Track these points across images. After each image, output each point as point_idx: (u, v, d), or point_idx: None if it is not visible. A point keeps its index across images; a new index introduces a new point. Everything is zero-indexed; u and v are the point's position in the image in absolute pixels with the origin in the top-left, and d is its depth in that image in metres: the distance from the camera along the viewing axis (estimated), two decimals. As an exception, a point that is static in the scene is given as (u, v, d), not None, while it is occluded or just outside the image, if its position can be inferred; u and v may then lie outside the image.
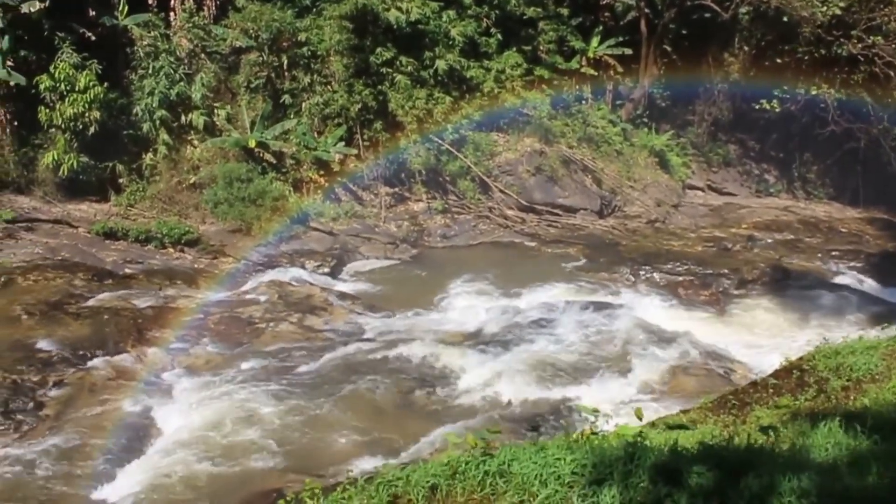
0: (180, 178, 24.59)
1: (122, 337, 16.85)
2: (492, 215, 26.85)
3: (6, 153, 23.48)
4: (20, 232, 21.63)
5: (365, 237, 24.58)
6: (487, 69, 28.04)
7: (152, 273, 20.72)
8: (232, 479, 12.40)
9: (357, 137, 26.19)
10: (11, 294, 18.55)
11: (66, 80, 22.61)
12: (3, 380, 14.82)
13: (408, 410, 14.84)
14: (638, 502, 4.49)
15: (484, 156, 27.42)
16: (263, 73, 26.41)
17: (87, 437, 13.41)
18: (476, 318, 19.31)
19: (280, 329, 17.89)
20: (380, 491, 4.69)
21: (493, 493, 4.67)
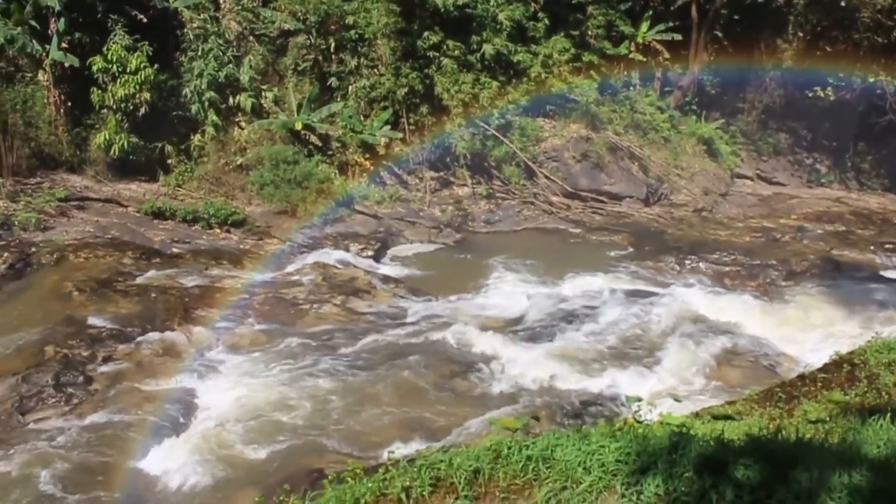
0: (227, 159, 24.88)
1: (168, 315, 17.12)
2: (536, 201, 26.72)
3: (60, 133, 23.97)
4: (72, 210, 22.07)
5: (409, 221, 24.64)
6: (535, 54, 27.82)
7: (199, 253, 21.00)
8: (274, 458, 12.54)
9: (403, 121, 26.23)
10: (63, 271, 18.94)
11: (118, 61, 23.00)
12: (54, 354, 15.18)
13: (448, 395, 14.83)
14: (682, 492, 4.43)
15: (530, 141, 27.27)
16: (311, 55, 26.54)
17: (134, 411, 13.65)
18: (519, 304, 19.21)
19: (323, 311, 18.02)
20: (422, 473, 4.69)
21: (535, 478, 4.65)
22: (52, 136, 23.91)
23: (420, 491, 4.62)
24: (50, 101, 23.99)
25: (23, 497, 11.39)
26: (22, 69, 24.60)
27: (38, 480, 11.73)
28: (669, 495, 4.41)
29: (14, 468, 12.04)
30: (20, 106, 23.60)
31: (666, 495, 4.41)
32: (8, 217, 20.50)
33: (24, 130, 23.38)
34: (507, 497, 4.63)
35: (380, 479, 4.78)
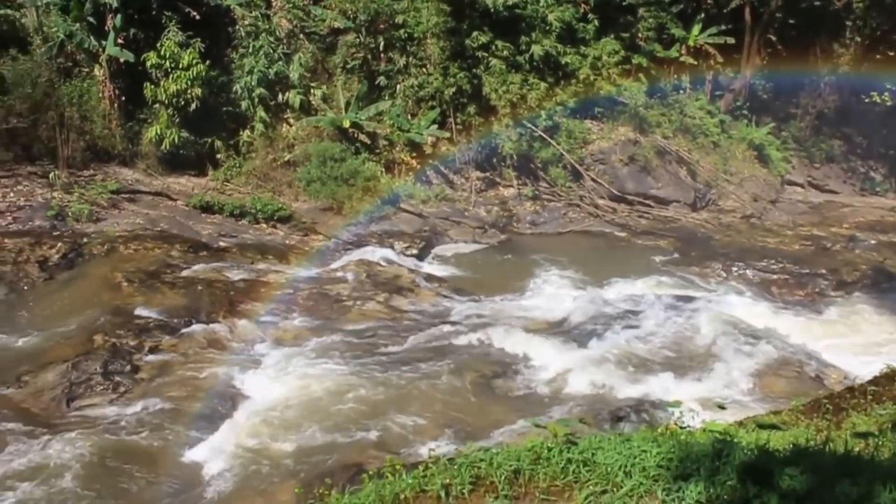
0: (275, 155, 25.14)
1: (214, 307, 17.37)
2: (582, 204, 26.57)
3: (113, 127, 24.44)
4: (123, 202, 22.49)
5: (454, 221, 24.66)
6: (584, 56, 27.67)
7: (245, 247, 21.27)
8: (314, 451, 12.63)
9: (450, 121, 26.27)
10: (113, 261, 19.32)
11: (171, 57, 23.39)
12: (103, 342, 15.50)
13: (489, 395, 14.81)
14: (725, 500, 4.37)
15: (577, 143, 27.13)
16: (360, 54, 26.71)
17: (179, 401, 13.89)
18: (562, 306, 19.13)
19: (367, 308, 18.12)
20: (462, 471, 4.70)
21: (575, 481, 4.63)
22: (106, 129, 24.39)
23: (460, 489, 4.62)
24: (105, 96, 24.46)
25: (68, 480, 11.64)
26: (79, 64, 25.14)
27: (84, 465, 11.98)
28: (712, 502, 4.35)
29: (61, 452, 12.30)
30: (76, 100, 24.12)
31: (708, 502, 4.36)
32: (62, 208, 20.97)
33: (80, 124, 23.88)
34: (546, 498, 4.61)
35: (419, 476, 4.79)
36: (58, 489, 11.53)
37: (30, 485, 11.61)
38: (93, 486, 11.61)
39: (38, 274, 18.52)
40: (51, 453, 12.25)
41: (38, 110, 23.21)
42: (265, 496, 11.53)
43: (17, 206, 20.90)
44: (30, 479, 11.71)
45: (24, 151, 23.10)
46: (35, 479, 11.70)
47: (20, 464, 11.98)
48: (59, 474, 11.79)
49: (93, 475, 11.80)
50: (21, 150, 23.06)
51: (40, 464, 12.00)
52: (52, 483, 11.60)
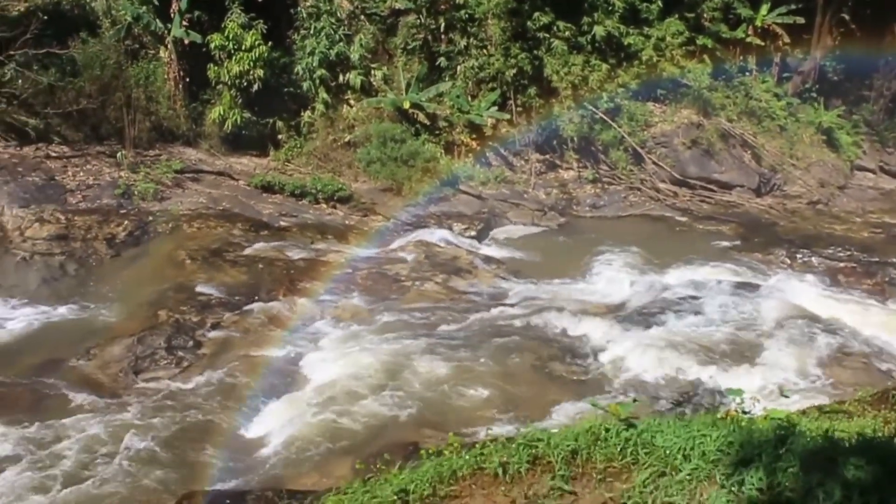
0: (336, 136, 25.33)
1: (274, 286, 17.64)
2: (643, 187, 26.21)
3: (178, 108, 24.89)
4: (187, 182, 22.91)
5: (513, 203, 24.56)
6: (647, 36, 27.18)
7: (305, 227, 21.51)
8: (370, 429, 12.77)
9: (510, 102, 26.13)
10: (177, 239, 19.75)
11: (234, 39, 23.69)
12: (167, 318, 15.89)
13: (546, 377, 14.78)
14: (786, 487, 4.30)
15: (638, 126, 26.72)
16: (420, 35, 26.70)
17: (239, 376, 14.18)
18: (621, 290, 18.94)
19: (425, 288, 18.20)
20: (520, 450, 4.71)
21: (633, 462, 4.60)
22: (171, 110, 24.85)
23: (517, 467, 4.63)
24: (170, 77, 24.90)
25: (132, 450, 11.99)
26: (146, 46, 25.63)
27: (148, 435, 12.32)
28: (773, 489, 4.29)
29: (126, 423, 12.68)
30: (143, 81, 24.62)
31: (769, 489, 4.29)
32: (129, 187, 21.46)
33: (146, 105, 24.39)
34: (603, 479, 4.59)
35: (477, 454, 4.81)
36: (123, 457, 11.87)
37: (97, 453, 11.99)
38: (156, 455, 11.94)
39: (105, 251, 19.03)
40: (117, 423, 12.63)
41: (107, 92, 23.76)
42: (322, 471, 11.70)
43: (87, 185, 21.46)
44: (97, 448, 12.09)
45: (93, 132, 23.71)
46: (102, 448, 12.08)
47: (89, 433, 12.37)
48: (125, 444, 12.14)
49: (156, 445, 12.12)
50: (90, 130, 23.67)
51: (107, 433, 12.37)
52: (117, 451, 11.95)
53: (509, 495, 4.59)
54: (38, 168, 21.45)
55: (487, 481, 4.66)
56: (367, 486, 4.87)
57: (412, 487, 4.66)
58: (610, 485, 4.57)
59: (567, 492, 4.55)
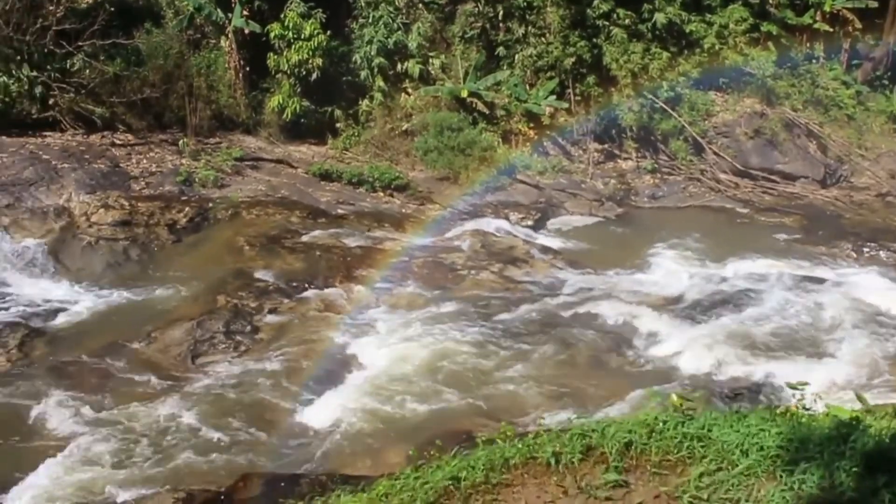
0: (393, 124, 25.39)
1: (331, 273, 17.81)
2: (703, 178, 25.72)
3: (238, 96, 25.23)
4: (246, 170, 23.22)
5: (570, 193, 24.35)
6: (709, 24, 26.59)
7: (362, 215, 21.64)
8: (424, 416, 12.86)
9: (569, 91, 25.86)
10: (236, 226, 20.05)
11: (294, 28, 23.88)
12: (226, 303, 16.17)
13: (601, 369, 14.69)
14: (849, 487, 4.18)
15: (699, 115, 26.21)
16: (478, 23, 26.58)
17: (295, 362, 14.39)
18: (679, 282, 18.64)
19: (481, 277, 18.18)
20: (573, 441, 4.67)
21: (689, 456, 4.53)
22: (231, 98, 25.19)
23: (570, 457, 4.60)
24: (230, 66, 25.22)
25: (190, 431, 12.30)
26: (207, 36, 26.01)
27: (206, 417, 12.61)
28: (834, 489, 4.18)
29: (185, 404, 13.00)
30: (204, 70, 24.98)
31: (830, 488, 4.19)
32: (190, 174, 21.84)
33: (207, 94, 24.74)
34: (658, 472, 4.53)
35: (530, 443, 4.79)
36: (181, 438, 12.19)
37: (157, 432, 12.31)
38: (214, 436, 12.23)
39: (167, 236, 19.43)
40: (176, 405, 12.95)
41: (170, 81, 24.18)
42: (375, 457, 11.82)
43: (150, 172, 21.90)
44: (157, 427, 12.42)
45: (156, 120, 24.15)
46: (162, 428, 12.41)
47: (150, 413, 12.72)
48: (183, 424, 12.47)
49: (214, 427, 12.41)
50: (153, 118, 24.12)
51: (167, 414, 12.70)
52: (176, 432, 12.26)
53: (562, 485, 4.56)
54: (104, 155, 21.96)
55: (540, 470, 4.63)
56: (419, 473, 4.89)
57: (464, 475, 4.65)
58: (664, 478, 4.51)
59: (620, 483, 4.50)
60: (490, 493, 4.58)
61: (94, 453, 11.81)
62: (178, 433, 12.32)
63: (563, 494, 4.51)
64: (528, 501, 4.47)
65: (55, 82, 22.50)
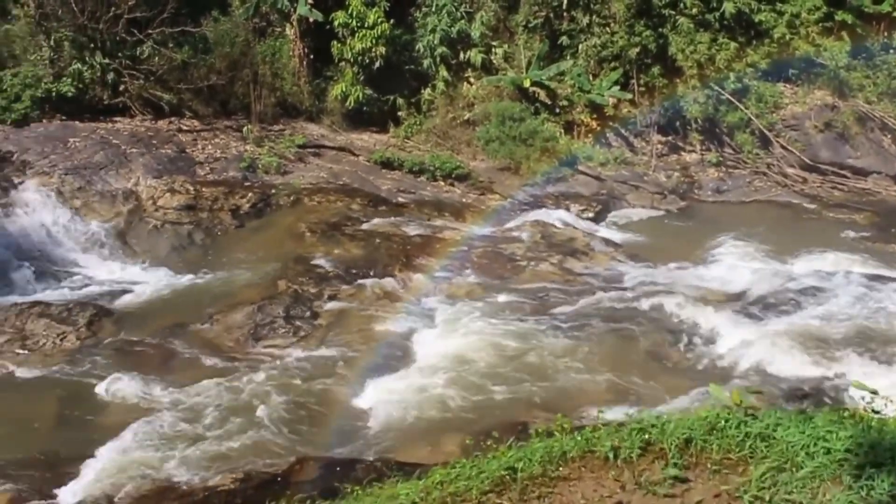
0: (455, 114, 25.36)
1: (391, 261, 17.89)
2: (770, 172, 25.13)
3: (302, 84, 25.47)
4: (309, 157, 23.46)
5: (632, 185, 24.04)
6: (780, 13, 25.89)
7: (423, 203, 21.69)
8: (479, 406, 12.85)
9: (633, 82, 25.50)
10: (298, 212, 20.29)
11: (358, 16, 23.98)
12: (286, 288, 16.38)
13: (660, 364, 14.49)
14: (924, 496, 4.03)
15: (767, 108, 25.56)
16: (542, 12, 26.36)
17: (353, 348, 14.53)
18: (742, 278, 18.21)
19: (540, 268, 18.06)
20: (632, 435, 4.61)
21: (752, 455, 4.43)
22: (295, 86, 25.44)
23: (629, 452, 4.54)
24: (295, 54, 25.47)
25: (249, 413, 12.49)
26: (272, 24, 26.28)
27: (265, 400, 12.81)
28: (905, 496, 4.04)
29: (246, 387, 13.21)
30: (269, 58, 25.27)
31: (902, 496, 4.04)
32: (254, 160, 22.15)
33: (272, 81, 25.04)
34: (719, 470, 4.44)
35: (588, 436, 4.74)
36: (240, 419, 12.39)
37: (217, 413, 12.53)
38: (271, 419, 12.41)
39: (230, 221, 19.78)
40: (237, 387, 13.18)
41: (235, 68, 24.54)
42: (430, 446, 11.84)
43: (214, 158, 22.28)
44: (217, 409, 12.65)
45: (221, 107, 24.57)
46: (221, 409, 12.63)
47: (211, 394, 12.97)
48: (243, 406, 12.68)
49: (272, 409, 12.59)
50: (219, 105, 24.53)
51: (227, 396, 12.93)
52: (235, 413, 12.48)
53: (619, 480, 4.50)
54: (171, 141, 22.40)
55: (598, 464, 4.58)
56: (474, 462, 4.88)
57: (521, 466, 4.63)
58: (725, 476, 4.42)
59: (680, 480, 4.43)
60: (546, 485, 4.55)
61: (157, 431, 12.08)
62: (238, 415, 12.52)
63: (620, 489, 4.45)
64: (584, 495, 4.43)
65: (126, 69, 23.03)
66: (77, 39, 22.66)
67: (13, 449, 11.80)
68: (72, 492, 10.84)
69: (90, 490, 10.78)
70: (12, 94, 21.45)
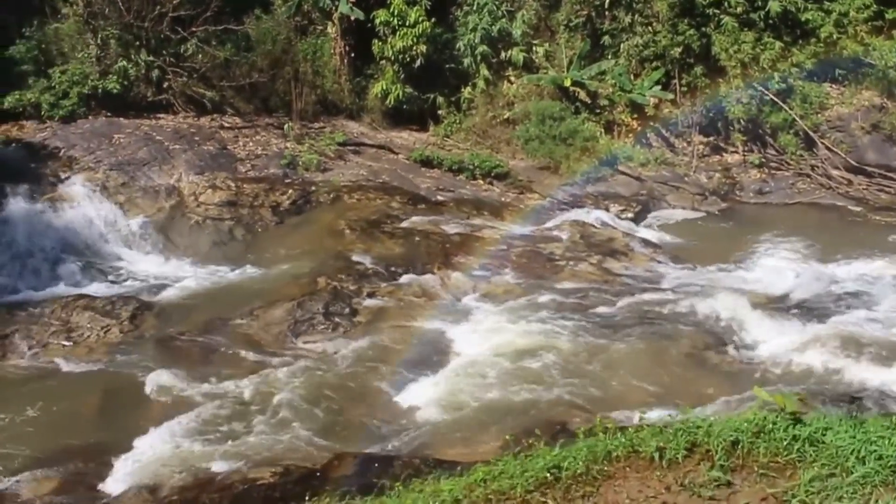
0: (495, 112, 25.34)
1: (429, 259, 17.92)
2: (813, 174, 24.70)
3: (342, 82, 25.64)
4: (349, 154, 23.59)
5: (673, 186, 23.81)
6: (827, 12, 25.41)
7: (462, 202, 21.70)
8: (517, 405, 12.79)
9: (675, 82, 25.24)
10: (338, 210, 20.40)
11: (399, 15, 24.08)
12: (325, 285, 16.48)
13: (700, 366, 14.30)
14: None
15: (812, 109, 25.09)
16: (584, 11, 26.21)
17: (391, 345, 14.56)
18: (784, 281, 17.92)
19: (579, 268, 17.97)
20: (678, 436, 4.57)
21: (800, 460, 4.36)
22: (336, 84, 25.62)
23: (674, 453, 4.49)
24: (336, 52, 25.64)
25: (288, 408, 12.58)
26: (314, 22, 26.49)
27: (304, 395, 12.91)
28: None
29: (284, 382, 13.32)
30: (310, 56, 25.48)
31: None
32: (294, 157, 22.31)
33: (312, 79, 25.26)
34: (766, 474, 4.38)
35: (632, 437, 4.70)
36: (280, 414, 12.49)
37: (257, 407, 12.66)
38: (310, 414, 12.50)
39: (270, 217, 19.94)
40: (276, 382, 13.28)
41: (277, 66, 24.77)
42: (468, 444, 11.83)
43: (255, 155, 22.49)
44: (257, 403, 12.78)
45: (262, 104, 24.83)
46: (261, 404, 12.76)
47: (251, 388, 13.10)
48: (282, 401, 12.77)
49: (311, 405, 12.69)
50: (260, 102, 24.80)
51: (267, 390, 13.04)
52: (275, 408, 12.59)
53: (664, 481, 4.46)
54: (213, 138, 22.66)
55: (642, 465, 4.54)
56: (518, 460, 4.86)
57: (565, 464, 4.61)
58: (772, 480, 4.35)
59: (725, 483, 4.37)
60: (591, 484, 4.52)
61: (197, 425, 12.23)
62: (277, 409, 12.62)
63: (665, 490, 4.41)
64: (629, 495, 4.40)
65: (169, 66, 23.37)
66: (123, 37, 23.03)
67: (59, 437, 12.05)
68: (115, 482, 11.03)
69: (132, 481, 10.95)
70: (60, 91, 21.87)
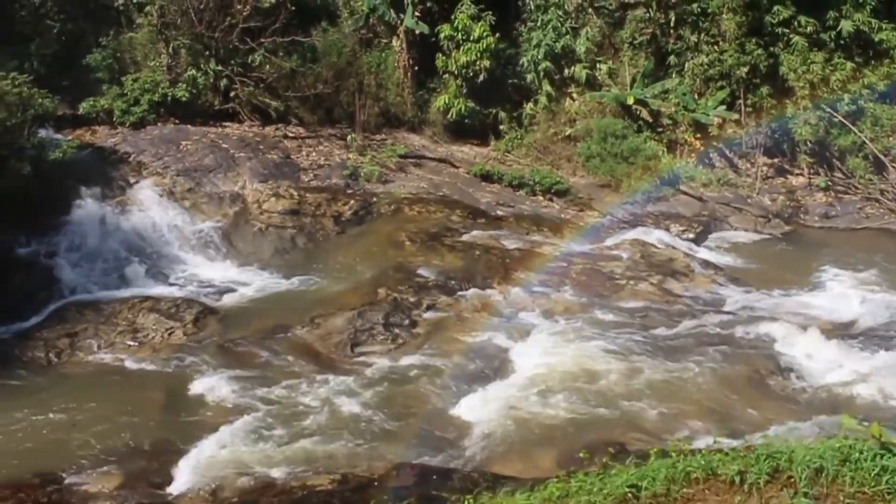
0: (557, 129, 25.32)
1: (489, 273, 17.92)
2: (883, 199, 24.14)
3: (405, 95, 25.85)
4: (409, 167, 23.76)
5: (735, 207, 23.47)
6: (902, 32, 24.87)
7: (521, 217, 21.66)
8: (575, 424, 12.67)
9: (739, 102, 24.91)
10: (399, 221, 20.53)
11: (463, 30, 24.26)
12: (385, 296, 16.57)
13: (762, 392, 14.01)
14: None
15: (883, 131, 24.49)
16: (648, 29, 26.06)
17: (449, 358, 14.55)
18: (850, 308, 17.49)
19: (639, 288, 17.80)
20: (760, 461, 4.49)
21: (889, 492, 4.25)
22: (399, 97, 25.84)
23: (756, 478, 4.42)
24: (399, 66, 25.88)
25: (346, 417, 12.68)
26: (379, 35, 26.79)
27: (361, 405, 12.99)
28: None
29: (342, 391, 13.42)
30: (374, 69, 25.78)
31: None
32: (356, 168, 22.54)
33: (376, 91, 25.54)
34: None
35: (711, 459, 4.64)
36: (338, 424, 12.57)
37: (315, 416, 12.74)
38: (368, 424, 12.56)
39: (332, 227, 20.16)
40: (335, 390, 13.39)
41: (341, 78, 25.11)
42: (525, 460, 11.77)
43: (318, 165, 22.77)
44: (315, 411, 12.87)
45: (326, 115, 25.18)
46: (319, 412, 12.85)
47: (309, 395, 13.23)
48: (341, 410, 12.88)
49: (369, 415, 12.75)
50: (324, 113, 25.16)
51: (325, 398, 13.15)
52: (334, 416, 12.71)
53: (745, 506, 4.39)
54: (277, 147, 23.02)
55: (722, 488, 4.47)
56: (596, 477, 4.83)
57: (644, 483, 4.56)
58: (858, 511, 4.25)
59: (809, 511, 4.29)
60: (670, 505, 4.48)
61: (255, 430, 12.35)
62: (335, 418, 12.71)
63: (745, 515, 4.34)
64: (709, 518, 4.34)
65: (237, 76, 23.86)
66: (193, 47, 23.57)
67: (123, 434, 12.28)
68: (176, 481, 11.20)
69: (193, 481, 11.10)
70: (132, 98, 22.46)
